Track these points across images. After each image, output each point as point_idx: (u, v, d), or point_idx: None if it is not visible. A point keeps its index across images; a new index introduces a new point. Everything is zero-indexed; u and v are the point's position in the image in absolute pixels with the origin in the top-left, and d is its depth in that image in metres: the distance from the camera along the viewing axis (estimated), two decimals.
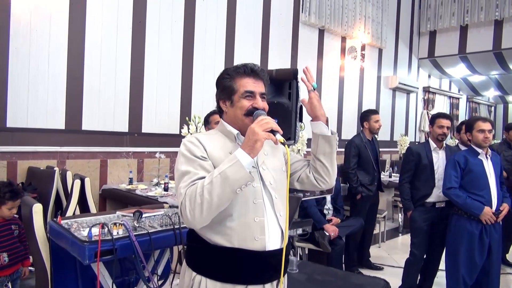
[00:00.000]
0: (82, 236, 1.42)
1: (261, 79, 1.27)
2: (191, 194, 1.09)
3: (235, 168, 1.07)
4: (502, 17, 6.78)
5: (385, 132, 7.27)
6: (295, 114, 2.66)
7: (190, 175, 1.14)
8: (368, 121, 3.73)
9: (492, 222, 2.54)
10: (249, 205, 1.18)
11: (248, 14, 4.86)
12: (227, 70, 1.29)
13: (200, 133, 1.32)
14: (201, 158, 1.17)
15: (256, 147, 1.09)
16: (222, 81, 1.27)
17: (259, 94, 1.25)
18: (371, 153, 3.68)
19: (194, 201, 1.07)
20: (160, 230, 1.58)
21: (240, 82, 1.24)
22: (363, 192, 3.57)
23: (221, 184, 1.06)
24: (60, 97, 3.46)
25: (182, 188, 1.12)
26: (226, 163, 1.09)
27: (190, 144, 1.20)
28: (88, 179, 2.85)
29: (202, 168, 1.15)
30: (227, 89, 1.25)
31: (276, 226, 1.24)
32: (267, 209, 1.22)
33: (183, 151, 1.20)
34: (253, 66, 1.26)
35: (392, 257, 4.20)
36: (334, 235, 3.09)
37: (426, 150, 2.97)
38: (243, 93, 1.23)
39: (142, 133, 4.00)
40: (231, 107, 1.26)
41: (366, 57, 6.66)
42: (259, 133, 1.09)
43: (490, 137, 2.62)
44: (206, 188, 1.06)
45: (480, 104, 11.34)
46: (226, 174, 1.07)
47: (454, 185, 2.64)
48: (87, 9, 3.54)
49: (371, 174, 3.63)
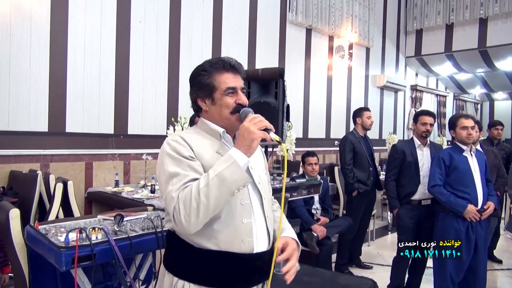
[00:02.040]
0: (59, 242, 1.37)
1: (239, 73, 1.23)
2: (185, 197, 1.03)
3: (232, 169, 1.03)
4: (486, 15, 6.87)
5: (373, 130, 7.28)
6: (282, 113, 2.65)
7: (179, 177, 1.08)
8: (360, 117, 3.75)
9: (477, 220, 2.56)
10: (236, 207, 1.14)
11: (234, 14, 4.83)
12: (202, 66, 1.23)
13: (182, 131, 1.26)
14: (189, 158, 1.11)
15: (253, 146, 1.06)
16: (199, 79, 1.21)
17: (240, 89, 1.21)
18: (366, 149, 3.68)
19: (189, 205, 1.02)
20: (141, 234, 1.54)
21: (220, 79, 1.19)
22: (360, 188, 3.55)
23: (218, 186, 1.02)
24: (42, 99, 3.38)
25: (174, 191, 1.06)
26: (221, 164, 1.05)
27: (176, 144, 1.13)
28: (71, 182, 2.79)
29: (191, 169, 1.09)
30: (206, 86, 1.20)
31: (264, 227, 1.20)
32: (255, 210, 1.19)
33: (169, 151, 1.13)
34: (230, 61, 1.21)
35: (381, 255, 4.21)
36: (322, 235, 3.08)
37: (411, 148, 2.98)
38: (225, 90, 1.18)
39: (128, 135, 3.94)
40: (213, 105, 1.20)
41: (354, 56, 6.69)
42: (256, 132, 1.06)
43: (473, 133, 2.64)
44: (203, 191, 1.02)
45: (467, 102, 11.49)
46: (223, 175, 1.02)
47: (438, 182, 2.65)
48: (69, 8, 3.46)
49: (367, 170, 3.63)
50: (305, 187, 2.58)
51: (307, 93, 5.88)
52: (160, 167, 1.15)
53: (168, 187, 1.08)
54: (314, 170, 3.42)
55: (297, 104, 5.66)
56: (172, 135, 1.19)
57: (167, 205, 1.10)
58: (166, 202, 1.11)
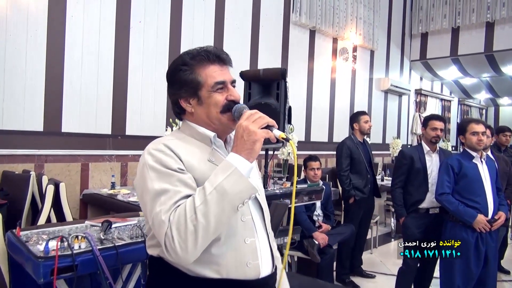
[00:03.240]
0: (37, 251, 1.27)
1: (226, 65, 1.05)
2: (179, 220, 0.84)
3: (233, 179, 0.86)
4: (493, 19, 6.75)
5: (377, 134, 7.20)
6: (284, 115, 2.54)
7: (169, 195, 0.88)
8: (357, 122, 3.63)
9: (487, 231, 2.43)
10: (237, 224, 0.97)
11: (237, 14, 4.73)
12: (182, 59, 1.03)
13: (164, 138, 1.03)
14: (178, 170, 0.92)
15: (255, 149, 0.90)
16: (179, 75, 1.01)
17: (230, 82, 1.03)
18: (364, 155, 3.56)
19: (184, 229, 0.84)
20: (129, 242, 1.43)
21: (206, 72, 1.00)
22: (357, 195, 3.44)
23: (218, 201, 0.85)
24: (38, 97, 3.29)
25: (163, 213, 0.86)
26: (220, 174, 0.87)
27: (160, 154, 0.94)
28: (63, 184, 2.69)
29: (182, 183, 0.91)
30: (189, 84, 1.00)
31: (267, 246, 1.04)
32: (257, 226, 1.02)
33: (152, 163, 0.93)
34: (216, 50, 1.03)
35: (384, 263, 4.08)
36: (323, 243, 2.96)
37: (419, 153, 2.86)
38: (213, 85, 1.00)
39: (126, 135, 3.84)
40: (199, 105, 1.02)
41: (358, 59, 6.58)
42: (257, 132, 0.89)
43: (484, 139, 2.51)
44: (200, 210, 0.84)
45: (472, 107, 11.36)
46: (223, 188, 0.85)
47: (446, 190, 2.54)
48: (67, 5, 3.37)
49: (365, 177, 3.51)
50: (306, 193, 2.46)
51: (309, 95, 5.77)
52: (142, 184, 0.94)
53: (155, 208, 0.88)
54: (316, 175, 3.31)
55: (299, 107, 5.55)
56: (153, 143, 0.99)
57: (156, 231, 0.90)
58: (154, 227, 0.90)
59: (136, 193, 0.99)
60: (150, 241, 1.02)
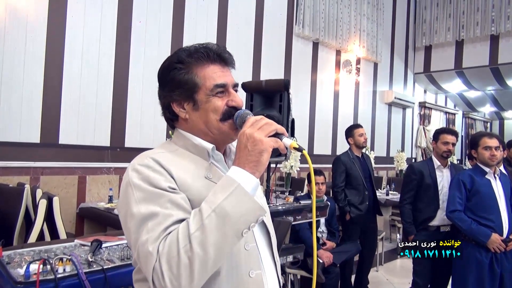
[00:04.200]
0: (18, 275, 1.16)
1: (228, 66, 0.90)
2: (170, 251, 0.69)
3: (237, 198, 0.71)
4: (498, 32, 6.71)
5: (381, 148, 7.08)
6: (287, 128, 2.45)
7: (158, 220, 0.73)
8: (352, 136, 3.51)
9: (502, 251, 2.30)
10: (240, 254, 0.82)
11: (239, 25, 4.69)
12: (177, 56, 0.89)
13: (153, 150, 0.89)
14: (169, 190, 0.77)
15: (262, 161, 0.75)
16: (173, 74, 0.88)
17: (232, 86, 0.89)
18: (361, 170, 3.42)
19: (177, 262, 0.68)
20: (118, 265, 1.31)
21: (204, 73, 0.86)
22: (352, 212, 3.29)
23: (218, 227, 0.70)
24: (35, 108, 3.22)
25: (150, 243, 0.71)
26: (219, 193, 0.72)
27: (148, 170, 0.79)
28: (57, 198, 2.58)
29: (174, 205, 0.76)
30: (183, 85, 0.86)
31: (275, 279, 0.89)
32: (263, 255, 0.87)
33: (138, 182, 0.78)
34: (217, 48, 0.88)
35: (391, 282, 3.92)
36: (328, 262, 2.82)
37: (429, 168, 2.75)
38: (213, 88, 0.86)
39: (125, 148, 3.75)
40: (195, 111, 0.87)
41: (361, 71, 6.52)
42: (264, 140, 0.74)
43: (498, 154, 2.40)
44: (196, 238, 0.69)
45: (476, 120, 11.26)
46: (224, 209, 0.70)
47: (458, 207, 2.42)
48: (67, 14, 3.33)
49: (361, 193, 3.37)
50: (311, 209, 2.35)
51: (313, 107, 5.69)
52: (126, 207, 0.78)
53: (141, 236, 0.73)
54: (321, 190, 3.19)
55: (302, 119, 5.47)
56: (139, 157, 0.84)
57: (142, 264, 0.74)
58: (139, 260, 0.74)
59: (120, 218, 0.82)
60: (137, 274, 0.86)
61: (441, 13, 7.43)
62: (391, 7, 7.27)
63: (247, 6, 4.79)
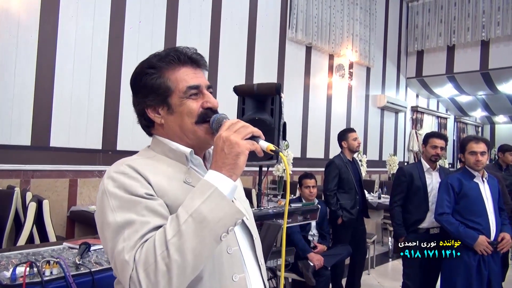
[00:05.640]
0: (4, 278, 1.15)
1: (201, 67, 0.90)
2: (147, 259, 0.68)
3: (214, 202, 0.71)
4: (488, 37, 6.81)
5: (373, 151, 7.13)
6: (278, 131, 2.46)
7: (134, 228, 0.72)
8: (345, 140, 3.50)
9: (489, 253, 2.33)
10: (222, 258, 0.81)
11: (232, 30, 4.71)
12: (148, 62, 0.88)
13: (130, 158, 0.86)
14: (146, 196, 0.76)
15: (238, 164, 0.75)
16: (145, 80, 0.86)
17: (205, 87, 0.88)
18: (353, 174, 3.44)
19: (155, 269, 0.67)
20: (106, 267, 1.32)
21: (176, 76, 0.86)
22: (344, 216, 3.30)
23: (196, 232, 0.69)
24: (26, 111, 3.20)
25: (126, 251, 0.70)
26: (196, 197, 0.72)
27: (123, 177, 0.77)
28: (47, 201, 2.57)
29: (151, 212, 0.74)
30: (156, 90, 0.85)
31: (260, 282, 0.89)
32: (246, 258, 0.86)
33: (113, 189, 0.76)
34: (187, 51, 0.88)
35: (382, 285, 3.94)
36: (319, 265, 2.83)
37: (419, 171, 2.78)
38: (186, 90, 0.85)
39: (117, 151, 3.74)
40: (170, 115, 0.86)
41: (354, 76, 6.57)
42: (240, 143, 0.75)
43: (483, 160, 2.43)
44: (173, 244, 0.67)
45: (468, 124, 11.39)
46: (201, 214, 0.69)
47: (446, 210, 2.45)
48: (59, 14, 3.32)
49: (353, 197, 3.39)
50: (301, 212, 2.36)
51: (306, 111, 5.72)
52: (102, 216, 0.77)
53: (118, 245, 0.71)
54: (312, 194, 3.21)
55: (295, 123, 5.49)
56: (115, 165, 0.82)
57: (119, 274, 0.72)
58: (116, 270, 0.73)
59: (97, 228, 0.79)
60: (118, 284, 0.83)
61: (433, 19, 7.53)
62: (384, 12, 7.35)
63: (240, 11, 4.82)
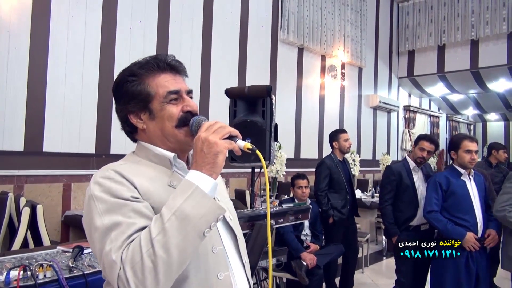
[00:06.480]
0: None
1: (180, 74, 0.95)
2: (133, 257, 0.71)
3: (195, 200, 0.75)
4: (478, 37, 6.91)
5: (367, 151, 7.19)
6: (270, 133, 2.50)
7: (121, 229, 0.75)
8: (337, 140, 3.55)
9: (476, 249, 2.38)
10: (207, 256, 0.85)
11: (224, 32, 4.74)
12: (129, 69, 0.93)
13: (115, 163, 0.91)
14: (132, 199, 0.79)
15: (217, 163, 0.79)
16: (127, 87, 0.91)
17: (185, 92, 0.92)
18: (344, 174, 3.49)
19: (141, 267, 0.70)
20: (100, 270, 1.34)
21: (156, 82, 0.90)
22: (335, 215, 3.34)
23: (179, 229, 0.72)
24: (19, 116, 3.20)
25: (114, 251, 0.73)
26: (178, 196, 0.75)
27: (109, 182, 0.80)
28: (41, 206, 2.58)
29: (137, 214, 0.77)
30: (137, 96, 0.90)
31: (244, 279, 0.93)
32: (231, 257, 0.90)
33: (99, 194, 0.79)
34: (166, 58, 0.93)
35: (376, 283, 3.99)
36: (312, 264, 2.87)
37: (406, 169, 2.84)
38: (166, 95, 0.89)
39: (111, 155, 3.75)
40: (151, 120, 0.90)
41: (346, 76, 6.63)
42: (218, 143, 0.79)
43: (476, 158, 2.49)
44: (158, 242, 0.71)
45: (460, 123, 11.50)
46: (183, 212, 0.73)
47: (434, 208, 2.50)
48: (51, 19, 3.33)
49: (344, 197, 3.43)
50: (293, 212, 2.39)
51: (299, 112, 5.77)
52: (89, 220, 0.79)
53: (105, 246, 0.74)
54: (304, 194, 3.24)
55: (289, 124, 5.53)
56: (102, 170, 0.85)
57: (108, 275, 0.76)
58: (104, 271, 0.77)
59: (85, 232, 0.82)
60: (107, 286, 0.86)
61: (423, 19, 7.62)
62: (374, 13, 7.43)
63: (232, 13, 4.85)
